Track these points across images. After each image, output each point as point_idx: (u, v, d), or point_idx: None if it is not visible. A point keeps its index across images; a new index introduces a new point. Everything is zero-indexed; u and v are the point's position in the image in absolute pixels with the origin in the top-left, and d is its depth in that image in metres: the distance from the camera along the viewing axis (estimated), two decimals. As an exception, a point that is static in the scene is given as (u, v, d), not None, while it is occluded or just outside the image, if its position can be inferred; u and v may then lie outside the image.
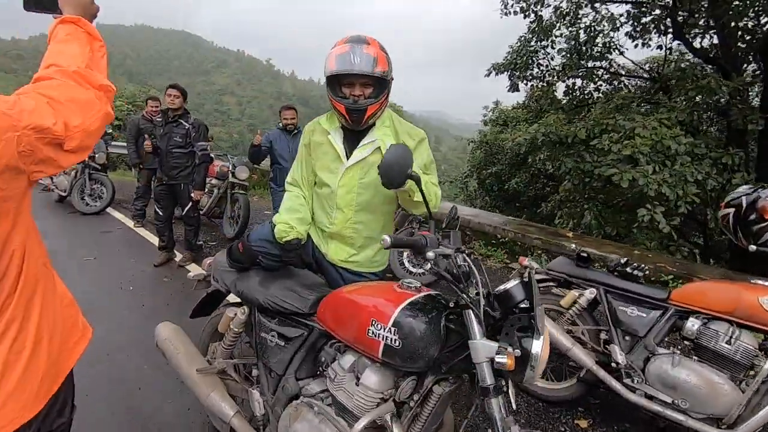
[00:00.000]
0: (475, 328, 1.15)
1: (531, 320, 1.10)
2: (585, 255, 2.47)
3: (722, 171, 6.23)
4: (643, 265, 2.30)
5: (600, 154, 6.54)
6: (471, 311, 1.16)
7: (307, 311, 1.56)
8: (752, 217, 1.81)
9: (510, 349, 1.09)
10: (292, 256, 1.67)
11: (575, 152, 7.00)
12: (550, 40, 9.34)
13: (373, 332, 1.25)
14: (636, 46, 8.11)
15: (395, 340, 1.21)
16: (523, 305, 1.15)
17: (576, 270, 2.46)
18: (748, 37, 7.31)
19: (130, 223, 5.67)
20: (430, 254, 1.19)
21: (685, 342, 2.10)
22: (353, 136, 1.68)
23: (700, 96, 6.53)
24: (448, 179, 19.81)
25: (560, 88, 9.94)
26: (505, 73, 10.02)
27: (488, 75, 10.14)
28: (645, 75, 8.97)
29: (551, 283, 2.58)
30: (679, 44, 7.91)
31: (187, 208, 4.11)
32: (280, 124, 4.23)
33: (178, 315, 3.16)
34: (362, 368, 1.32)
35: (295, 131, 4.16)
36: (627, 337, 2.16)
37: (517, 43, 9.91)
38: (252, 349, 1.81)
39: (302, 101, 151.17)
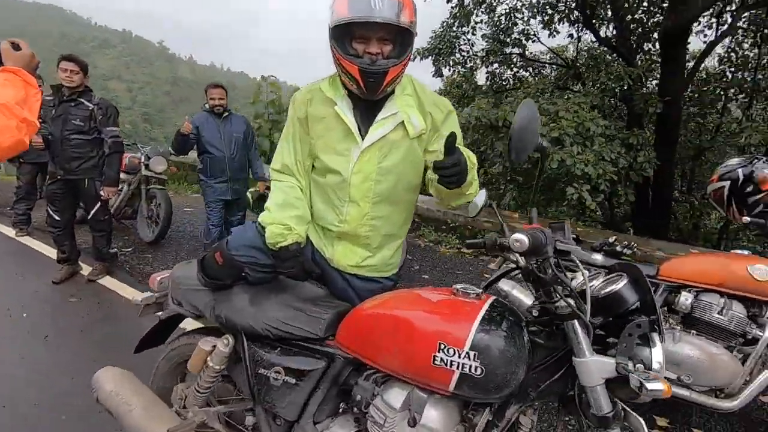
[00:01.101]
0: (584, 342, 0.91)
1: (654, 326, 0.89)
2: (574, 237, 2.40)
3: (629, 150, 6.84)
4: (631, 243, 2.28)
5: None
6: (577, 322, 0.91)
7: (322, 335, 1.21)
8: (749, 189, 1.84)
9: (631, 365, 0.87)
10: (291, 265, 1.28)
11: (504, 135, 7.21)
12: (470, 26, 9.52)
13: (442, 360, 0.96)
14: (549, 35, 8.57)
15: (476, 367, 0.93)
16: (631, 309, 0.94)
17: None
18: (639, 30, 8.17)
19: (11, 232, 4.56)
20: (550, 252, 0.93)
21: (673, 316, 2.12)
22: (366, 107, 1.32)
23: (609, 81, 7.08)
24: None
25: (481, 75, 10.24)
26: (429, 58, 10.07)
27: (413, 60, 10.08)
28: (559, 62, 9.56)
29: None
30: (587, 33, 8.51)
31: (94, 210, 3.32)
32: (206, 105, 3.61)
33: (102, 346, 2.52)
34: (420, 405, 1.02)
35: (225, 113, 3.59)
36: None
37: (440, 28, 9.97)
38: (235, 388, 1.40)
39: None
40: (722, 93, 7.97)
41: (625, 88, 7.16)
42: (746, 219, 1.82)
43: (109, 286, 3.38)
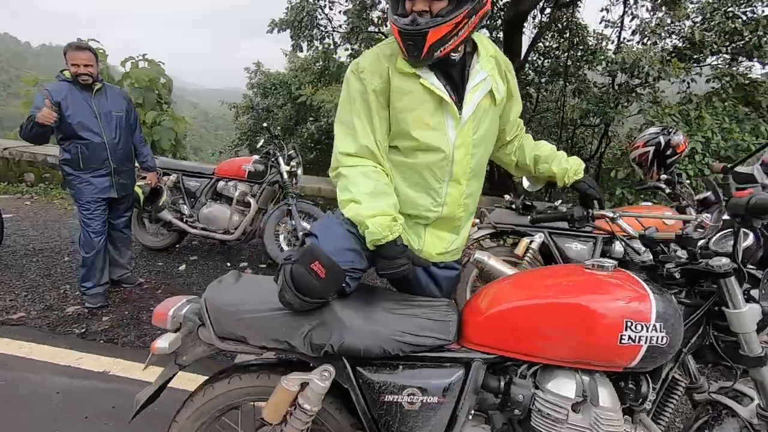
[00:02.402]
0: (740, 295, 1.00)
1: (781, 270, 1.03)
2: (529, 204, 2.62)
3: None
4: (570, 204, 2.63)
5: None
6: (734, 277, 0.99)
7: (452, 339, 1.05)
8: (668, 152, 2.29)
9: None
10: (402, 263, 1.08)
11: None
12: (327, 0, 9.30)
13: (630, 337, 0.93)
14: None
15: (662, 337, 0.94)
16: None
17: (521, 219, 2.60)
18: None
19: None
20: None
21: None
22: (445, 70, 1.16)
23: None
24: (216, 150, 18.06)
25: (340, 51, 10.14)
26: (287, 30, 9.51)
27: (270, 32, 9.36)
28: None
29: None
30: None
31: None
32: (66, 74, 2.68)
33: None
34: (593, 388, 0.99)
35: (99, 86, 2.72)
36: None
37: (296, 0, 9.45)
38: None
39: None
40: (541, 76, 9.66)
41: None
42: (664, 176, 2.26)
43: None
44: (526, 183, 1.47)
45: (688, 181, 2.84)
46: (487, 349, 1.04)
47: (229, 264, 3.62)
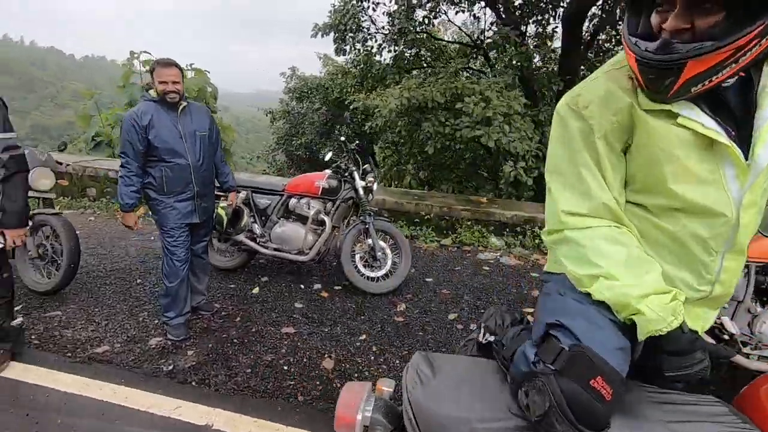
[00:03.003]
0: None
1: None
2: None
3: (537, 127, 7.36)
4: None
5: (455, 117, 6.80)
6: None
7: None
8: None
9: None
10: (699, 360, 0.78)
11: (433, 117, 7.08)
12: (371, 2, 9.07)
13: None
14: (456, 13, 8.63)
15: None
16: None
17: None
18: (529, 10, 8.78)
19: None
20: None
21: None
22: (711, 99, 0.83)
23: (520, 62, 7.43)
24: (254, 154, 18.28)
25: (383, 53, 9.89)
26: (331, 34, 9.36)
27: (314, 36, 9.23)
28: (465, 42, 9.74)
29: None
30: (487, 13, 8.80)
31: None
32: (152, 93, 2.53)
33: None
34: None
35: (183, 104, 2.54)
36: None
37: (339, 2, 9.28)
38: None
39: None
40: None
41: (534, 66, 7.64)
42: None
43: (23, 378, 2.18)
44: None
45: None
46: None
47: (302, 286, 3.42)
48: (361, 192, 3.34)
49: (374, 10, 9.26)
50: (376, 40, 9.79)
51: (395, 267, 3.38)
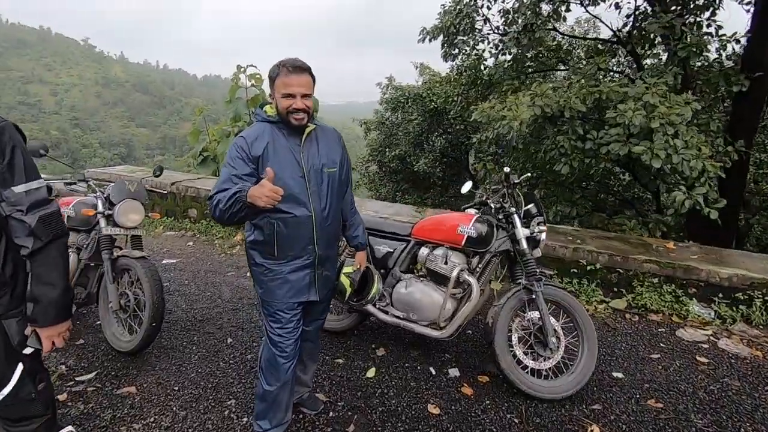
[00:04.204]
0: None
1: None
2: None
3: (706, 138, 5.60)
4: None
5: (596, 128, 5.40)
6: None
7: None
8: None
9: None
10: None
11: (569, 128, 5.75)
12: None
13: None
14: (591, 3, 7.18)
15: None
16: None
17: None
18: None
19: None
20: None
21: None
22: None
23: (691, 56, 5.77)
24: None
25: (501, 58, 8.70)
26: (439, 38, 8.47)
27: (422, 41, 8.41)
28: (599, 37, 8.23)
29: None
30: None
31: (13, 384, 1.41)
32: (268, 111, 1.71)
33: None
34: None
35: (310, 128, 1.69)
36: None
37: (450, 3, 8.37)
38: None
39: (140, 87, 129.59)
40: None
41: (709, 62, 5.95)
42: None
43: None
44: None
45: None
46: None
47: (433, 370, 2.46)
48: (524, 244, 2.30)
49: (489, 8, 8.17)
50: (488, 42, 8.69)
51: (571, 357, 2.28)
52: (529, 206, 2.40)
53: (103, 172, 6.18)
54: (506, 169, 2.37)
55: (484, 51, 8.85)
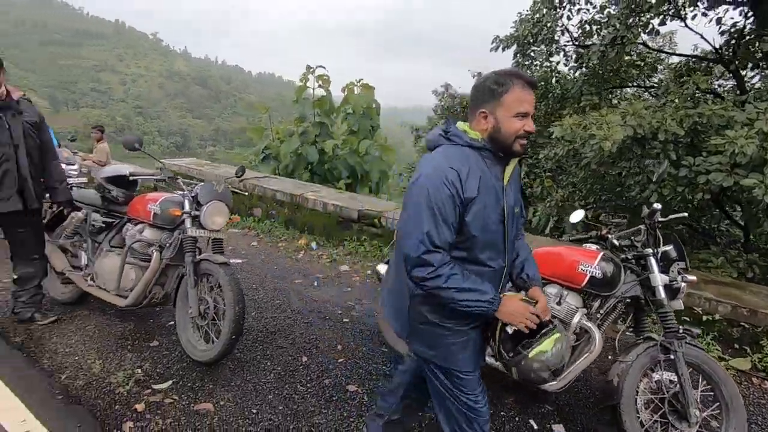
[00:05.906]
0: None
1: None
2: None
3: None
4: None
5: (690, 154, 4.86)
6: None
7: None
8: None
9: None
10: None
11: (660, 149, 5.23)
12: (565, 6, 7.55)
13: None
14: (695, 16, 6.57)
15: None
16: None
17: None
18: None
19: None
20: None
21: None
22: None
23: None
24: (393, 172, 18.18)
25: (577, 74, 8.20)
26: (512, 48, 8.10)
27: (495, 50, 8.07)
28: (698, 51, 7.57)
29: None
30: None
31: None
32: (472, 134, 1.31)
33: None
34: None
35: (515, 159, 1.36)
36: None
37: (527, 11, 7.99)
38: None
39: (200, 81, 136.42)
40: None
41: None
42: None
43: None
44: None
45: None
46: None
47: (534, 425, 2.15)
48: (662, 293, 1.96)
49: (570, 17, 7.71)
50: (563, 54, 8.23)
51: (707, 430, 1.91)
52: (668, 248, 2.05)
53: (172, 163, 6.29)
54: (656, 206, 2.02)
55: (558, 63, 8.41)
